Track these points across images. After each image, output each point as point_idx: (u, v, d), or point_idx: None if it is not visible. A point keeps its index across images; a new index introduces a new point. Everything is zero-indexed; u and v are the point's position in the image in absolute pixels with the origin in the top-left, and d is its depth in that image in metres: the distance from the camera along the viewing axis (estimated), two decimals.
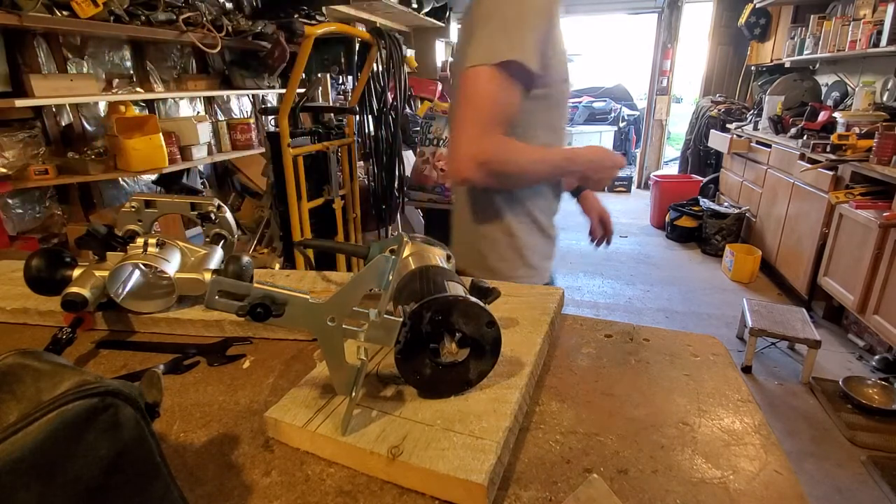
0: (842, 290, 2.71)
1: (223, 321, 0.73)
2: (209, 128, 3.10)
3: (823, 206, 2.89)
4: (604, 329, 0.76)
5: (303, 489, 0.46)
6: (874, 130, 2.67)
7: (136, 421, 0.33)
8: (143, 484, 0.34)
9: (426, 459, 0.45)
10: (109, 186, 2.79)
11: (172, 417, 0.56)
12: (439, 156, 2.66)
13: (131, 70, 2.83)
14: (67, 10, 2.10)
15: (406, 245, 0.66)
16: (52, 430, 0.29)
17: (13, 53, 2.20)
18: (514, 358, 0.60)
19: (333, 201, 2.29)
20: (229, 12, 3.00)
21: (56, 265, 0.74)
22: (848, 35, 3.35)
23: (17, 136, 2.30)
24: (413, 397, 0.54)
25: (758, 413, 0.56)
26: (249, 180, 3.41)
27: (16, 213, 2.36)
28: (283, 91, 3.38)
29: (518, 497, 0.45)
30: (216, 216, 0.90)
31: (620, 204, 6.06)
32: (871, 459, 1.87)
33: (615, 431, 0.53)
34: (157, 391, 0.37)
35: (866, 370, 2.53)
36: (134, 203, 0.88)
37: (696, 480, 0.47)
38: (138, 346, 0.72)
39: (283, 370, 0.65)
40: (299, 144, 2.06)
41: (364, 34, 2.23)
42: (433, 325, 0.52)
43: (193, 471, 0.48)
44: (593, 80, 9.45)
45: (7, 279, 0.88)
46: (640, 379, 0.63)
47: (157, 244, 0.77)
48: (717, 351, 0.70)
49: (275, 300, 0.48)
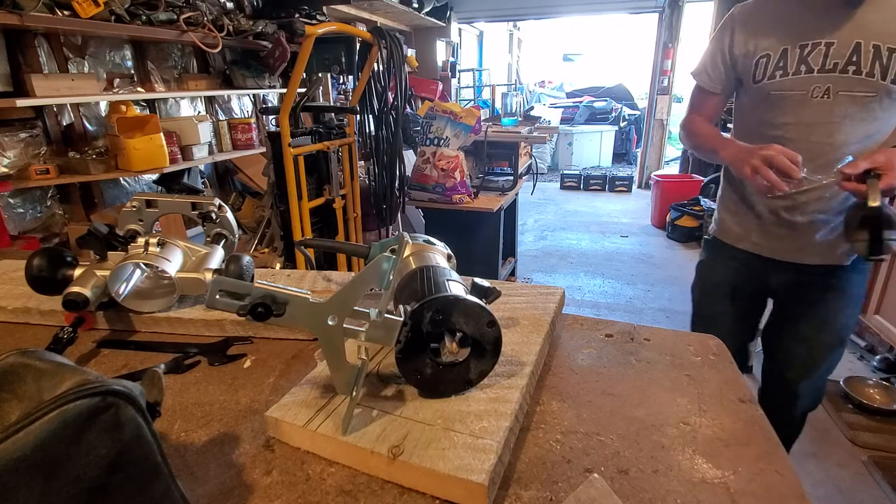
0: None
1: (224, 321, 0.73)
2: (210, 127, 3.10)
3: None
4: (604, 329, 0.76)
5: (303, 488, 0.46)
6: None
7: (137, 420, 0.33)
8: (144, 483, 0.34)
9: (427, 459, 0.45)
10: (110, 186, 2.80)
11: (173, 417, 0.56)
12: (440, 155, 2.66)
13: (132, 70, 2.83)
14: (68, 9, 2.10)
15: (407, 245, 0.66)
16: (54, 430, 0.29)
17: (14, 53, 2.21)
18: (515, 358, 0.60)
19: (334, 201, 2.29)
20: (230, 12, 3.00)
21: (57, 265, 0.74)
22: None
23: (19, 136, 2.30)
24: (414, 397, 0.54)
25: (758, 413, 0.56)
26: (250, 180, 3.41)
27: (17, 213, 2.37)
28: (284, 91, 3.38)
29: (519, 497, 0.45)
30: (217, 216, 0.90)
31: (621, 204, 6.05)
32: (872, 460, 1.86)
33: (616, 431, 0.53)
34: (158, 391, 0.37)
35: (867, 370, 2.53)
36: (135, 203, 0.88)
37: (697, 480, 0.47)
38: (139, 346, 0.72)
39: (284, 370, 0.65)
40: (300, 144, 2.06)
41: (365, 34, 2.23)
42: (434, 324, 0.52)
43: (194, 470, 0.48)
44: (594, 79, 9.46)
45: (8, 279, 0.88)
46: (641, 379, 0.63)
47: (158, 244, 0.77)
48: (717, 351, 0.70)
49: (276, 300, 0.48)
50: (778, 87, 1.09)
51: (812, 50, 1.04)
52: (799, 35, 1.06)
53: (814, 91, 1.05)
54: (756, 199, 1.20)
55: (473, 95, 7.23)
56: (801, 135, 1.09)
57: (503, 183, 2.98)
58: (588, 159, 7.67)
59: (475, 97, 7.23)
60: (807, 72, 1.05)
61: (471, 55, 7.44)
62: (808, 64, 1.05)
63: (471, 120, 2.66)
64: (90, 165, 2.36)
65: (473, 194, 2.73)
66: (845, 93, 1.03)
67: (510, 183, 2.97)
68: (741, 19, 1.16)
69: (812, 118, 1.07)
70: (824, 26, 1.03)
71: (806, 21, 1.05)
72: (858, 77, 1.01)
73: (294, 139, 2.01)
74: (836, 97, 1.04)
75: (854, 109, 1.04)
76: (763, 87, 1.12)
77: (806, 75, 1.05)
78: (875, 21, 0.99)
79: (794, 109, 1.09)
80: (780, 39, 1.08)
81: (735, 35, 1.16)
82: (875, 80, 1.00)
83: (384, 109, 2.41)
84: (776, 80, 1.09)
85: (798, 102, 1.08)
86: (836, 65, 1.02)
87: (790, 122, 1.10)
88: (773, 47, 1.09)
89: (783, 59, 1.07)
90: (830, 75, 1.03)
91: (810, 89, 1.06)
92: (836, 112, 1.05)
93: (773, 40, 1.09)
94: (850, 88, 1.02)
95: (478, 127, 2.73)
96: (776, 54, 1.08)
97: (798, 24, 1.06)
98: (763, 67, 1.10)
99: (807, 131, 1.08)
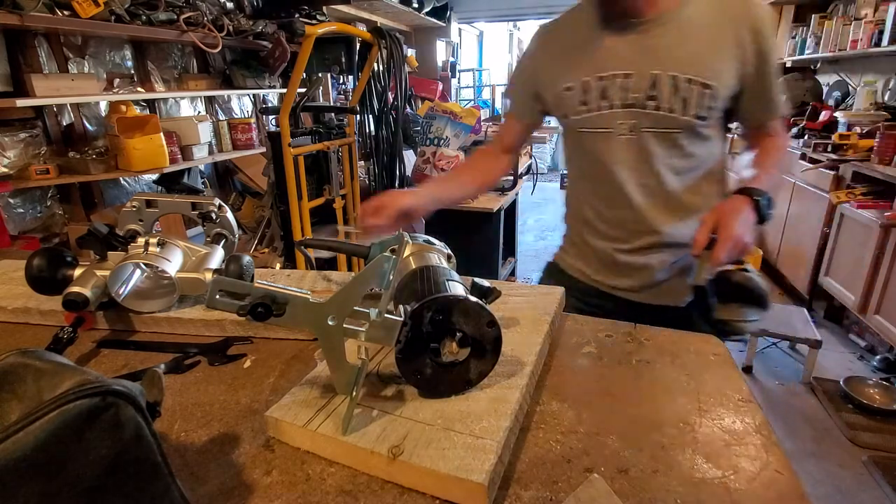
0: (843, 290, 2.71)
1: (224, 321, 0.73)
2: (210, 127, 3.10)
3: (824, 206, 2.88)
4: (605, 329, 0.76)
5: (303, 488, 0.46)
6: (875, 130, 2.66)
7: (137, 420, 0.33)
8: (144, 483, 0.34)
9: (427, 459, 0.45)
10: (110, 186, 2.79)
11: (173, 417, 0.56)
12: (440, 155, 2.66)
13: (132, 70, 2.83)
14: (68, 9, 2.10)
15: (407, 245, 0.66)
16: (54, 430, 0.29)
17: (14, 53, 2.21)
18: (515, 357, 0.60)
19: (334, 201, 2.29)
20: (230, 12, 3.00)
21: (57, 265, 0.74)
22: (849, 34, 3.35)
23: (19, 136, 2.30)
24: (414, 397, 0.54)
25: (758, 413, 0.56)
26: (250, 180, 3.41)
27: (17, 213, 2.37)
28: (284, 91, 3.38)
29: (519, 497, 0.45)
30: (217, 216, 0.90)
31: None
32: (871, 459, 1.86)
33: (616, 431, 0.53)
34: (157, 390, 0.37)
35: (867, 370, 2.53)
36: (135, 203, 0.88)
37: (697, 480, 0.47)
38: (139, 346, 0.72)
39: (284, 370, 0.65)
40: (300, 144, 2.06)
41: (365, 34, 2.23)
42: (434, 324, 0.52)
43: (194, 470, 0.48)
44: None
45: (8, 279, 0.88)
46: (641, 379, 0.63)
47: (158, 244, 0.77)
48: (717, 351, 0.70)
49: (276, 300, 0.48)
50: (584, 125, 0.96)
51: (610, 83, 0.91)
52: (597, 65, 0.92)
53: (619, 128, 0.93)
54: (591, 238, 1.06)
55: (473, 95, 7.23)
56: (612, 176, 0.96)
57: (503, 183, 2.98)
58: None
59: (475, 97, 7.24)
60: (608, 107, 0.92)
61: (471, 55, 7.44)
62: (609, 98, 0.92)
63: (471, 120, 2.66)
64: (90, 165, 2.36)
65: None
66: (649, 130, 0.91)
67: (510, 183, 2.97)
68: (543, 42, 1.03)
69: (621, 158, 0.94)
70: (621, 55, 0.90)
71: (603, 48, 0.92)
72: (661, 113, 0.89)
73: (294, 139, 2.01)
74: (640, 134, 0.92)
75: (663, 147, 0.92)
76: (571, 124, 0.99)
77: (608, 111, 0.92)
78: (666, 46, 0.88)
79: (603, 148, 0.95)
80: (581, 69, 0.94)
81: (539, 59, 1.02)
82: (676, 115, 0.88)
83: (384, 109, 2.41)
84: (581, 116, 0.95)
85: (605, 140, 0.95)
86: (637, 99, 0.90)
87: (601, 161, 0.96)
88: (575, 79, 0.94)
89: (586, 94, 0.94)
90: (633, 110, 0.91)
91: (615, 126, 0.93)
92: (646, 150, 0.92)
93: (575, 70, 0.94)
94: (655, 124, 0.90)
95: (478, 127, 2.73)
96: (578, 87, 0.94)
97: (595, 52, 0.93)
98: (568, 101, 0.96)
99: (618, 172, 0.95)
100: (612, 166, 0.95)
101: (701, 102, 0.87)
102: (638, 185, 0.95)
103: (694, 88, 0.87)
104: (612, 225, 1.01)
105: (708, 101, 0.87)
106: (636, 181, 0.95)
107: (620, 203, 0.97)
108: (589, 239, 1.06)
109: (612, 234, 1.01)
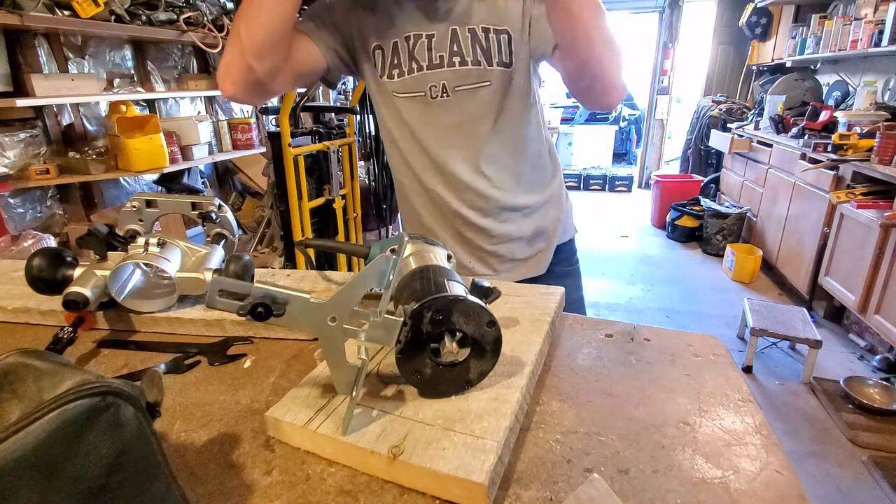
0: (843, 290, 2.71)
1: (224, 321, 0.73)
2: (210, 127, 3.10)
3: (824, 206, 2.88)
4: (604, 329, 0.76)
5: (303, 489, 0.46)
6: (875, 130, 2.66)
7: (138, 420, 0.33)
8: (144, 483, 0.34)
9: (427, 459, 0.45)
10: (110, 186, 2.80)
11: (173, 417, 0.56)
12: None
13: (132, 70, 2.83)
14: (68, 9, 2.10)
15: (407, 244, 0.66)
16: (54, 430, 0.29)
17: (14, 53, 2.21)
18: (515, 357, 0.60)
19: (334, 201, 2.29)
20: (230, 12, 3.00)
21: (57, 265, 0.74)
22: (849, 34, 3.35)
23: (19, 136, 2.30)
24: (413, 397, 0.54)
25: (758, 413, 0.56)
26: (250, 180, 3.42)
27: (17, 213, 2.37)
28: None
29: (519, 497, 0.45)
30: (217, 216, 0.90)
31: (621, 204, 6.06)
32: (871, 459, 1.86)
33: (616, 431, 0.53)
34: (157, 390, 0.37)
35: (867, 370, 2.53)
36: (135, 202, 0.88)
37: (697, 480, 0.47)
38: (139, 346, 0.72)
39: (284, 370, 0.65)
40: (300, 144, 2.07)
41: None
42: (434, 324, 0.52)
43: (194, 470, 0.48)
44: None
45: (8, 279, 0.88)
46: (641, 379, 0.63)
47: (158, 244, 0.77)
48: (717, 351, 0.70)
49: (275, 300, 0.48)
50: (398, 89, 0.93)
51: (415, 43, 0.89)
52: (403, 25, 0.89)
53: (431, 90, 0.90)
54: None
55: None
56: (435, 142, 0.94)
57: None
58: (588, 159, 7.67)
59: None
60: (418, 70, 0.90)
61: None
62: (416, 60, 0.90)
63: None
64: (90, 165, 2.37)
65: None
66: (462, 88, 0.89)
67: None
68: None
69: (441, 121, 0.92)
70: (425, 13, 0.88)
71: (407, 7, 0.89)
72: (466, 68, 0.88)
73: (294, 139, 2.01)
74: (454, 94, 0.90)
75: (477, 104, 0.90)
76: (385, 87, 0.94)
77: (419, 73, 0.90)
78: (478, 10, 0.87)
79: (421, 114, 0.93)
80: (392, 29, 0.90)
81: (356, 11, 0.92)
82: (482, 67, 0.88)
83: None
84: (395, 80, 0.92)
85: (421, 105, 0.92)
86: (442, 58, 0.88)
87: (420, 127, 0.94)
88: (385, 39, 0.90)
89: (396, 56, 0.90)
90: (441, 70, 0.89)
91: (427, 89, 0.90)
92: (461, 110, 0.91)
93: (385, 29, 0.90)
94: (463, 81, 0.89)
95: None
96: (388, 48, 0.91)
97: (402, 10, 0.89)
98: (381, 63, 0.92)
99: (440, 137, 0.93)
100: (435, 131, 0.94)
101: (502, 49, 0.88)
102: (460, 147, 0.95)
103: (492, 37, 0.87)
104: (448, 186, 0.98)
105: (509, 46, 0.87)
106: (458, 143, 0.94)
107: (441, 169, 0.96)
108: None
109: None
